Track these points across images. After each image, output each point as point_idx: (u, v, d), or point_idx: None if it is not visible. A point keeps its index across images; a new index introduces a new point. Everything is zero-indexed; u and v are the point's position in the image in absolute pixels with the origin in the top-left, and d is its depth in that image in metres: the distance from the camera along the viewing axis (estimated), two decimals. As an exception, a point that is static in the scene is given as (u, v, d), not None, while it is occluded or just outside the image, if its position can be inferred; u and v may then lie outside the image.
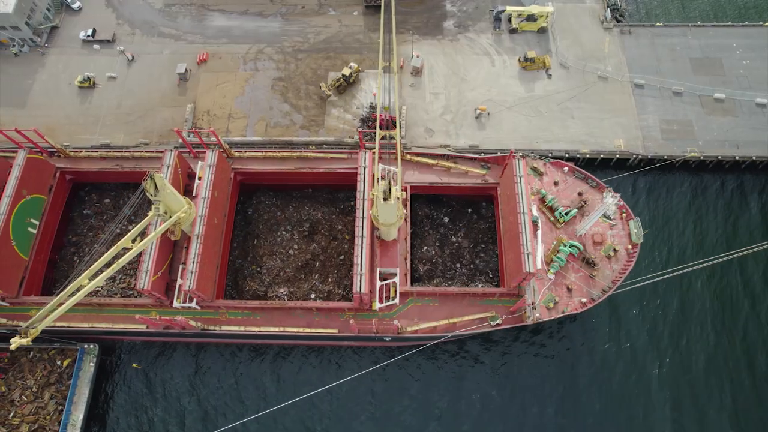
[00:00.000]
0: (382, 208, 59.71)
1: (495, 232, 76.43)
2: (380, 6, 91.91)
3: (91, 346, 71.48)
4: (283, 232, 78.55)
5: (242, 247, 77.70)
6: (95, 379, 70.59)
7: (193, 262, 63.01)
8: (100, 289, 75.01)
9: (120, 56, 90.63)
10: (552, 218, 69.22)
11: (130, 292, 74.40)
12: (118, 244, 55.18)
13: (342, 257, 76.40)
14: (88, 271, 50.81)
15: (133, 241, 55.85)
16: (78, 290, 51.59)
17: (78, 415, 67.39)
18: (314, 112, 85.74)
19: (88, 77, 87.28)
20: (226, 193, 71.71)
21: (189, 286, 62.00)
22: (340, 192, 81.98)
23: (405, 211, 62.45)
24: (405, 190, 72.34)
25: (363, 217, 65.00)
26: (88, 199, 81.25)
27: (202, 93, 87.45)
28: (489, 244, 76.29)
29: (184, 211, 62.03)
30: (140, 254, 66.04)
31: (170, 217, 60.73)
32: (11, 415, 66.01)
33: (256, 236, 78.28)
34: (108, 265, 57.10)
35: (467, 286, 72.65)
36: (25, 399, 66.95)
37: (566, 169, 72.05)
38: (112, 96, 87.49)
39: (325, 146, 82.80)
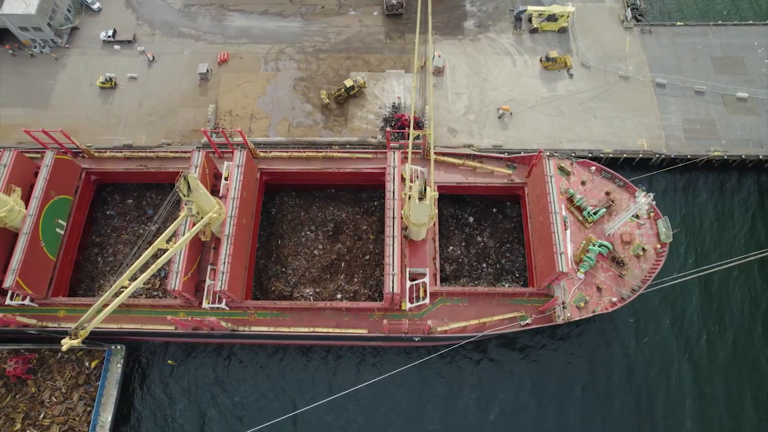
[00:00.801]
0: (416, 208, 59.69)
1: (521, 232, 76.52)
2: (401, 14, 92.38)
3: (118, 347, 71.37)
4: (308, 233, 78.50)
5: (265, 247, 77.62)
6: (122, 380, 70.44)
7: (224, 263, 62.93)
8: (123, 289, 74.99)
9: (140, 57, 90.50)
10: (580, 218, 69.25)
11: (155, 293, 74.45)
12: (154, 244, 55.11)
13: (367, 257, 76.37)
14: (128, 272, 50.73)
15: (168, 241, 55.74)
16: (121, 291, 51.58)
17: (106, 416, 67.28)
18: (337, 113, 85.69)
19: (110, 78, 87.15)
20: (253, 194, 71.66)
21: (220, 287, 61.90)
22: (362, 192, 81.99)
23: (436, 211, 62.43)
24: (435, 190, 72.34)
25: (394, 217, 64.96)
26: (111, 200, 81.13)
27: (223, 93, 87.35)
28: (515, 244, 76.32)
29: (215, 211, 61.97)
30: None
31: (202, 217, 60.66)
32: (41, 416, 65.90)
33: (279, 236, 78.21)
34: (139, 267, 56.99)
35: (494, 285, 72.66)
36: (55, 400, 66.82)
37: (593, 168, 72.08)
38: (134, 96, 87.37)
39: (348, 146, 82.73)
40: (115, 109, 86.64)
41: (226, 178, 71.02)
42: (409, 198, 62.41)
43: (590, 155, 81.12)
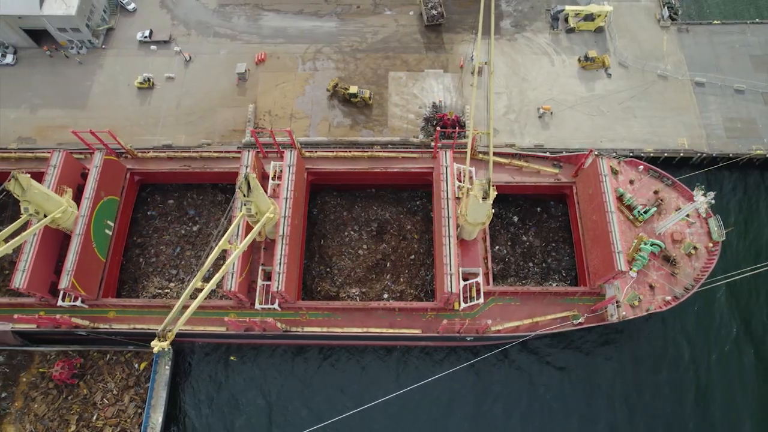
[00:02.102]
0: (476, 208, 59.59)
1: (566, 231, 76.47)
2: (440, 24, 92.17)
3: (166, 348, 70.76)
4: (351, 232, 78.25)
5: (307, 247, 77.37)
6: (171, 381, 70.09)
7: (280, 264, 62.72)
8: (169, 291, 74.81)
9: (177, 57, 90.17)
10: (630, 217, 69.30)
11: (199, 294, 73.93)
12: (219, 245, 54.82)
13: (412, 257, 76.17)
14: (199, 273, 50.50)
15: (230, 242, 55.52)
16: (197, 292, 51.71)
17: (157, 417, 66.93)
18: (377, 112, 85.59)
19: (148, 78, 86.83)
20: (302, 194, 71.44)
21: (277, 288, 61.65)
22: (403, 192, 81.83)
23: (493, 210, 62.40)
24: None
25: (449, 217, 64.83)
26: (152, 200, 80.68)
27: (262, 93, 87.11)
28: (560, 243, 76.23)
29: (271, 211, 61.72)
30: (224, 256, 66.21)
31: (259, 218, 60.41)
32: (94, 417, 65.51)
33: (322, 236, 77.93)
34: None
35: (541, 285, 72.65)
36: (107, 402, 66.48)
37: (641, 167, 72.17)
38: (171, 96, 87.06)
39: (390, 146, 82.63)
40: (153, 109, 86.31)
41: (273, 178, 70.86)
42: (466, 197, 62.49)
43: (631, 154, 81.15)
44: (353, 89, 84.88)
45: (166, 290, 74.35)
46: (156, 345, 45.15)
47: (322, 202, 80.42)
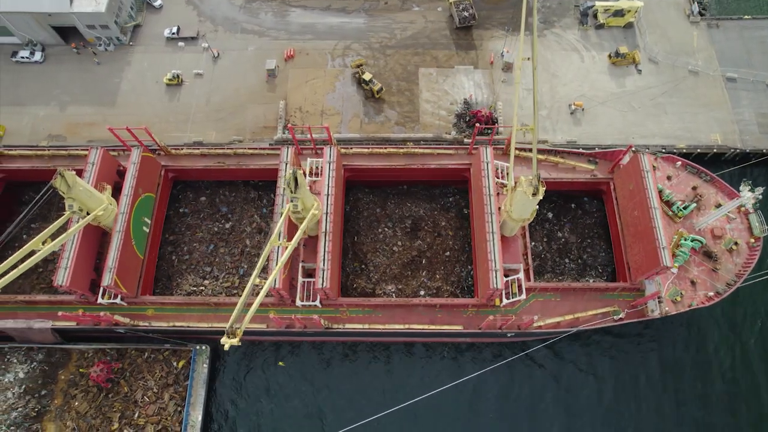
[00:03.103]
0: (523, 204, 59.44)
1: (601, 228, 76.33)
2: (471, 27, 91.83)
3: (203, 347, 70.77)
4: (385, 229, 78.03)
5: (341, 244, 77.10)
6: (209, 379, 69.88)
7: (324, 260, 62.54)
8: (204, 288, 74.50)
9: (205, 53, 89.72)
10: (670, 213, 69.22)
11: (234, 292, 73.78)
12: (270, 242, 54.57)
13: (448, 254, 76.03)
14: (256, 270, 50.09)
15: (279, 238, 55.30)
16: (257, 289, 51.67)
17: (197, 415, 66.80)
18: (408, 109, 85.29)
19: (176, 75, 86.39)
20: (341, 190, 71.21)
21: (322, 285, 61.48)
22: (435, 188, 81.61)
23: (536, 207, 62.27)
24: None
25: (492, 213, 64.63)
26: (183, 197, 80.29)
27: (292, 89, 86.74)
28: (595, 239, 76.14)
29: (316, 208, 61.46)
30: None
31: (305, 214, 60.10)
32: (136, 415, 65.26)
33: (356, 233, 77.68)
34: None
35: (578, 281, 72.66)
36: (147, 400, 66.23)
37: (679, 163, 72.08)
38: (200, 93, 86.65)
39: (422, 142, 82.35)
40: (182, 105, 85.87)
41: (309, 175, 70.60)
42: (511, 193, 62.34)
43: (663, 151, 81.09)
44: (367, 76, 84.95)
45: (201, 287, 74.06)
46: (226, 342, 44.88)
47: (355, 198, 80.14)
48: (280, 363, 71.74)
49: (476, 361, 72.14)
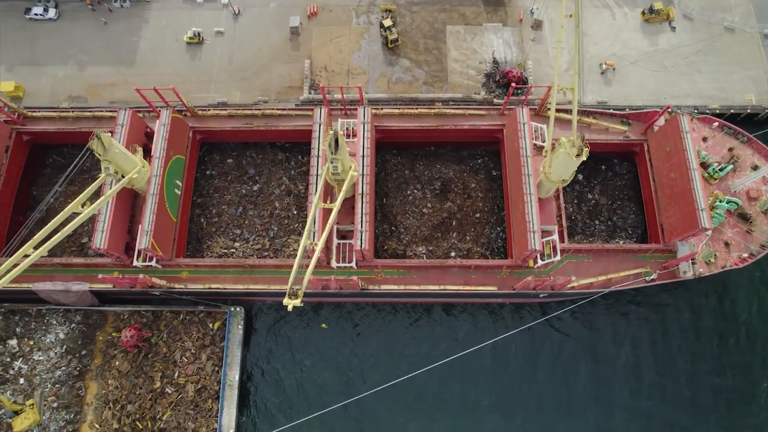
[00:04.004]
0: (565, 165, 58.94)
1: (631, 189, 76.07)
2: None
3: (237, 308, 71.51)
4: (414, 191, 77.64)
5: (370, 206, 76.91)
6: (244, 339, 70.96)
7: (362, 222, 62.48)
8: (235, 250, 74.66)
9: (224, 10, 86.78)
10: (705, 174, 68.75)
11: (265, 254, 73.98)
12: (314, 205, 54.26)
13: (477, 215, 75.98)
14: (305, 233, 50.00)
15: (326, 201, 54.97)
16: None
17: (234, 375, 68.17)
18: (436, 68, 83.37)
19: (197, 33, 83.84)
20: (373, 151, 70.37)
21: (361, 246, 61.66)
22: (463, 150, 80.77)
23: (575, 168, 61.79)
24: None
25: (529, 174, 64.15)
26: (210, 160, 79.42)
27: (316, 48, 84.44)
28: (625, 201, 75.97)
29: (354, 169, 60.85)
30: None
31: (344, 176, 59.54)
32: (176, 374, 66.56)
33: (384, 195, 77.27)
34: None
35: (608, 242, 72.92)
36: (186, 360, 67.45)
37: (715, 124, 71.11)
38: (222, 52, 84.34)
39: (451, 103, 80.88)
40: (204, 65, 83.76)
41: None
42: (551, 153, 61.70)
43: (696, 111, 79.80)
44: (387, 22, 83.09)
45: (232, 250, 74.26)
46: (288, 302, 45.28)
47: (383, 160, 79.28)
48: (323, 325, 72.67)
49: (505, 321, 73.30)
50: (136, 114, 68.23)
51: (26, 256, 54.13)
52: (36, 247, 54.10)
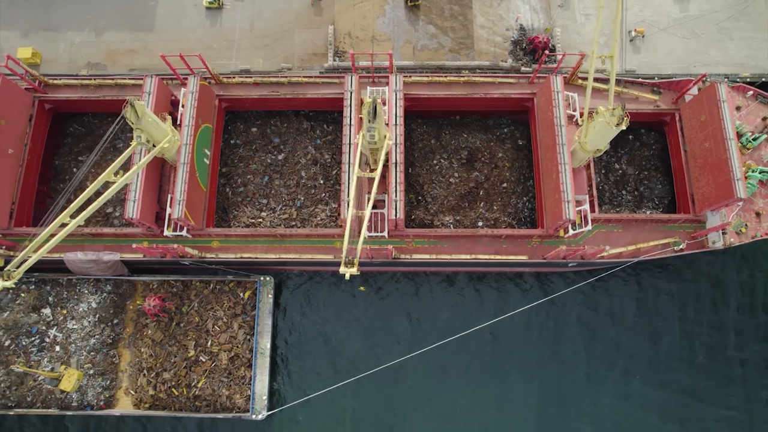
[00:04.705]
0: (604, 134, 58.57)
1: (659, 160, 75.86)
2: None
3: (267, 278, 71.84)
4: (441, 160, 77.16)
5: (391, 174, 76.49)
6: (274, 308, 71.56)
7: (396, 192, 62.30)
8: (262, 220, 74.51)
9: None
10: (738, 144, 68.30)
11: (293, 224, 73.88)
12: (355, 174, 53.98)
13: (505, 185, 75.76)
14: (351, 202, 49.82)
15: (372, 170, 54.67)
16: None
17: (265, 343, 69.06)
18: (462, 35, 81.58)
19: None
20: (402, 120, 69.46)
21: (396, 215, 61.63)
22: (488, 119, 79.96)
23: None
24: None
25: (563, 144, 63.72)
26: (233, 129, 78.47)
27: (340, 13, 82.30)
28: (652, 171, 75.79)
29: (389, 138, 60.25)
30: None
31: (380, 144, 58.96)
32: (209, 343, 67.30)
33: (410, 164, 76.68)
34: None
35: (634, 212, 73.08)
36: (218, 329, 68.06)
37: (750, 93, 70.33)
38: (243, 17, 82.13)
39: (478, 71, 79.52)
40: (225, 31, 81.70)
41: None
42: (588, 122, 61.11)
43: (727, 80, 78.73)
44: None
45: (259, 219, 74.10)
46: (345, 271, 45.66)
47: (408, 129, 78.25)
48: (361, 288, 73.38)
49: (531, 291, 74.24)
50: (162, 81, 66.94)
51: (63, 225, 54.03)
52: (72, 216, 53.93)
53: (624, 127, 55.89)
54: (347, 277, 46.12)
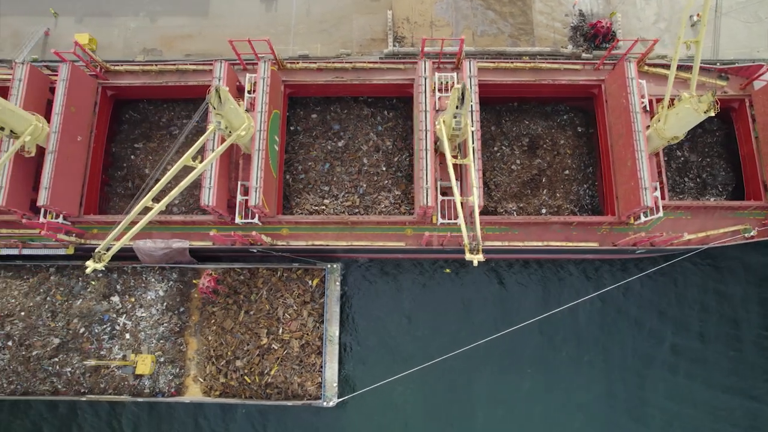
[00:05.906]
0: (686, 121, 58.39)
1: (721, 147, 75.61)
2: None
3: (335, 265, 71.59)
4: (503, 147, 76.74)
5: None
6: (341, 296, 71.46)
7: (475, 178, 61.73)
8: (325, 207, 74.06)
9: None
10: (805, 130, 68.17)
11: (356, 211, 73.51)
12: (449, 161, 53.77)
13: (567, 172, 75.49)
14: (454, 189, 49.39)
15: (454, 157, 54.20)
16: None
17: (334, 330, 69.00)
18: (521, 20, 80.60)
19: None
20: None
21: (476, 203, 61.21)
22: (547, 105, 79.36)
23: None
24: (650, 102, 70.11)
25: (639, 131, 63.32)
26: (293, 115, 77.75)
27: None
28: (715, 158, 75.56)
29: (471, 125, 59.67)
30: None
31: (466, 130, 58.45)
32: (280, 331, 67.18)
33: (470, 152, 76.25)
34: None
35: (697, 199, 72.90)
36: (289, 317, 67.89)
37: (820, 79, 70.00)
38: (299, 2, 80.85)
39: (538, 57, 78.66)
40: (281, 16, 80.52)
41: (438, 91, 67.93)
42: (669, 109, 60.71)
43: (787, 66, 78.26)
44: None
45: (322, 207, 73.70)
46: (472, 258, 46.33)
47: (467, 117, 77.86)
48: (447, 270, 73.21)
49: (598, 279, 74.26)
50: (230, 66, 66.10)
51: (146, 210, 53.71)
52: (155, 200, 53.66)
53: (712, 114, 55.45)
54: (475, 263, 46.09)
